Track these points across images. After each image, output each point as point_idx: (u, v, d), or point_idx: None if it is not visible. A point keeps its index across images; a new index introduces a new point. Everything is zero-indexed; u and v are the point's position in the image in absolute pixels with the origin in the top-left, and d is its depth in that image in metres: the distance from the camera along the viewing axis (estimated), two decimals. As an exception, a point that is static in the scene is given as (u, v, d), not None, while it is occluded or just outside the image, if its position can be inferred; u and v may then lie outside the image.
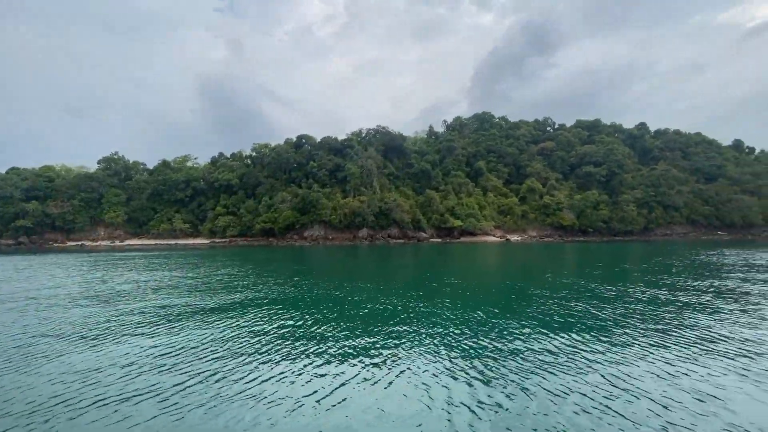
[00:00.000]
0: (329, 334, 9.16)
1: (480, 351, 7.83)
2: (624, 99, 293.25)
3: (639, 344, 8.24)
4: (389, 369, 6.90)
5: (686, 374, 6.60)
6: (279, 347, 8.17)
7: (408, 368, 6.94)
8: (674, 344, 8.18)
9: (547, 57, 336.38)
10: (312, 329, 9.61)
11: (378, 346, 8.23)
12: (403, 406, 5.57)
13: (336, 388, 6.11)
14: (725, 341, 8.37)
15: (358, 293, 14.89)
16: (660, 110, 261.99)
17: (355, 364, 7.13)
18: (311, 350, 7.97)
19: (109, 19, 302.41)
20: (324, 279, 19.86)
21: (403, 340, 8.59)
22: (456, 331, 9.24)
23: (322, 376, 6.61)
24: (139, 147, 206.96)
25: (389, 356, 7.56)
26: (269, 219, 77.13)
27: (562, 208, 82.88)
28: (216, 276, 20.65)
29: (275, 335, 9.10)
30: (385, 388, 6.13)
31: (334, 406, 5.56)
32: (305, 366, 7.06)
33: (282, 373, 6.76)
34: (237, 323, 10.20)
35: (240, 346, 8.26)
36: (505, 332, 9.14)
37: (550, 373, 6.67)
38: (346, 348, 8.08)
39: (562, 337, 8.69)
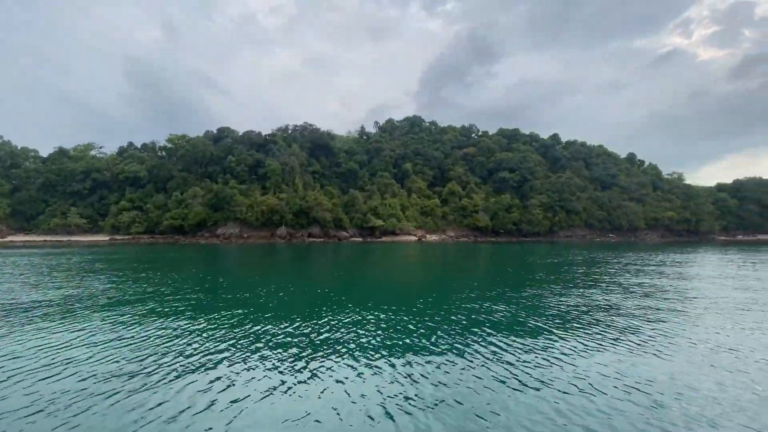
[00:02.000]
0: (232, 340, 8.53)
1: (389, 348, 7.95)
2: (555, 112, 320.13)
3: (539, 333, 8.96)
4: (307, 374, 6.61)
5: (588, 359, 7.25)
6: (171, 360, 7.37)
7: (324, 370, 6.79)
8: (576, 334, 8.92)
9: (488, 67, 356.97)
10: (206, 336, 8.86)
11: (293, 351, 7.83)
12: (325, 408, 5.38)
13: (248, 394, 5.82)
14: (624, 331, 9.24)
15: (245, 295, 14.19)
16: (586, 124, 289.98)
17: (268, 371, 6.72)
18: (217, 359, 7.36)
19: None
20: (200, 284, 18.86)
21: (314, 343, 8.33)
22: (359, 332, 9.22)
23: (232, 384, 6.21)
24: (58, 134, 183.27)
25: (304, 361, 7.25)
26: (179, 215, 72.47)
27: (478, 210, 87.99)
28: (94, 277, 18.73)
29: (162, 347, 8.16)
30: (302, 395, 5.85)
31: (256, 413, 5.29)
32: (223, 376, 6.56)
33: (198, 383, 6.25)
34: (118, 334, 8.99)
35: (138, 357, 7.45)
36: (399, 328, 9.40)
37: (464, 369, 6.81)
38: (258, 356, 7.53)
39: (466, 333, 9.06)
